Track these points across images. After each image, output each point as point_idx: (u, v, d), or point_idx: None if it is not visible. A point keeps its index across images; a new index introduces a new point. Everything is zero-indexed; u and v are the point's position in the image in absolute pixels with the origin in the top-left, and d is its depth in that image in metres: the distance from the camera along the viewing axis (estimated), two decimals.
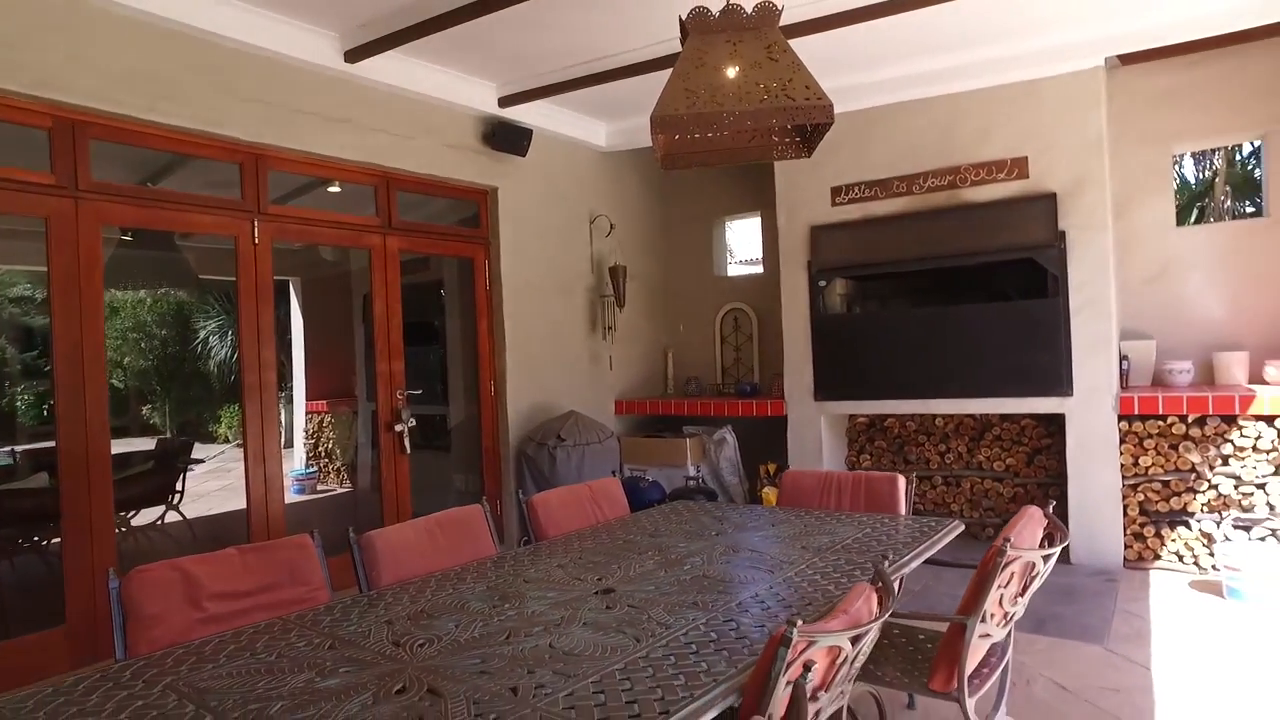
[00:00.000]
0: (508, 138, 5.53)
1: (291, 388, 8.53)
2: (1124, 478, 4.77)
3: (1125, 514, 4.80)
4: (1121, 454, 4.77)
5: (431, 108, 5.14)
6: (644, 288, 6.96)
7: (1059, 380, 4.87)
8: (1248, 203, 8.10)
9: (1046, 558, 2.19)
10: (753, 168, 6.45)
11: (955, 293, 5.41)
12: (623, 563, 2.49)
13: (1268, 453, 4.41)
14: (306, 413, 8.60)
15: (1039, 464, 5.32)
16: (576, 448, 5.45)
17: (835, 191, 5.63)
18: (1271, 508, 4.41)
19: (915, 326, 5.35)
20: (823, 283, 5.62)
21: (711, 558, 2.52)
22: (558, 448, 5.40)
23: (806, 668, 1.49)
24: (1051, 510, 2.38)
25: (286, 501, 4.63)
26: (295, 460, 8.39)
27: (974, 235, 5.11)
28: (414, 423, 5.16)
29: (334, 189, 5.00)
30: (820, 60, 4.95)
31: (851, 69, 5.25)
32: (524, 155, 5.68)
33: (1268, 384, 4.65)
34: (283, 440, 4.68)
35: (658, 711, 1.44)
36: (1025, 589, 2.21)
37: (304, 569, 2.35)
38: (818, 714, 1.64)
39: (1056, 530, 2.30)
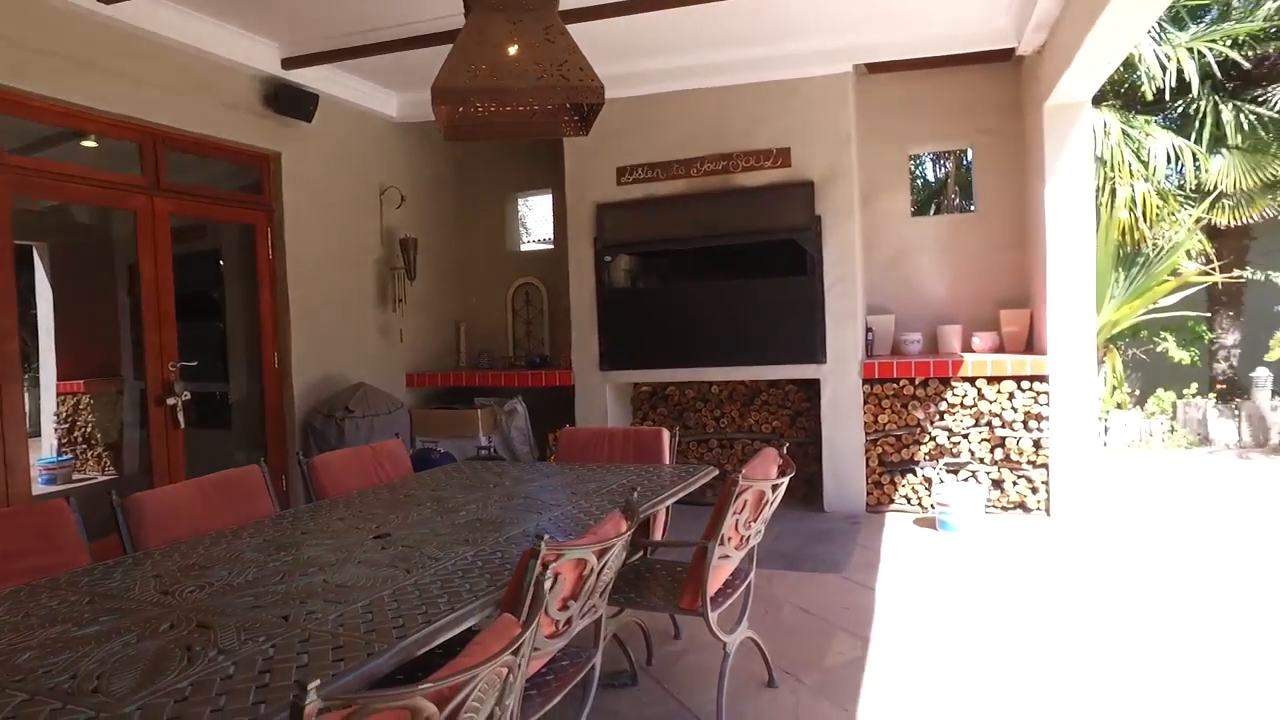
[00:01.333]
0: (292, 101, 5.34)
1: (38, 368, 7.69)
2: (866, 434, 5.48)
3: (867, 465, 5.52)
4: (865, 413, 5.47)
5: (207, 63, 4.86)
6: (436, 261, 6.96)
7: (815, 349, 5.49)
8: (970, 200, 9.43)
9: (775, 487, 2.57)
10: (544, 146, 6.63)
11: (728, 269, 5.91)
12: (401, 513, 2.62)
13: (970, 408, 5.26)
14: (58, 394, 7.79)
15: (800, 425, 5.96)
16: (366, 419, 5.41)
17: (620, 172, 5.94)
18: (972, 454, 5.27)
19: (692, 300, 5.80)
20: (608, 258, 5.93)
21: (487, 505, 2.70)
22: (346, 419, 5.34)
23: (555, 579, 1.72)
24: (785, 451, 2.77)
25: (34, 493, 4.25)
26: (44, 448, 7.59)
27: (744, 217, 5.61)
28: (188, 396, 4.91)
29: (89, 143, 4.61)
30: (605, 46, 5.22)
31: (636, 56, 5.56)
32: (310, 121, 5.51)
33: (974, 352, 5.52)
34: (28, 425, 4.28)
35: (420, 622, 1.61)
36: (759, 516, 2.58)
37: (59, 535, 2.26)
38: (569, 621, 1.88)
39: (788, 466, 2.69)
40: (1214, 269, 7.76)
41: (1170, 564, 4.26)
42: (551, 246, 7.28)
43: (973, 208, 6.18)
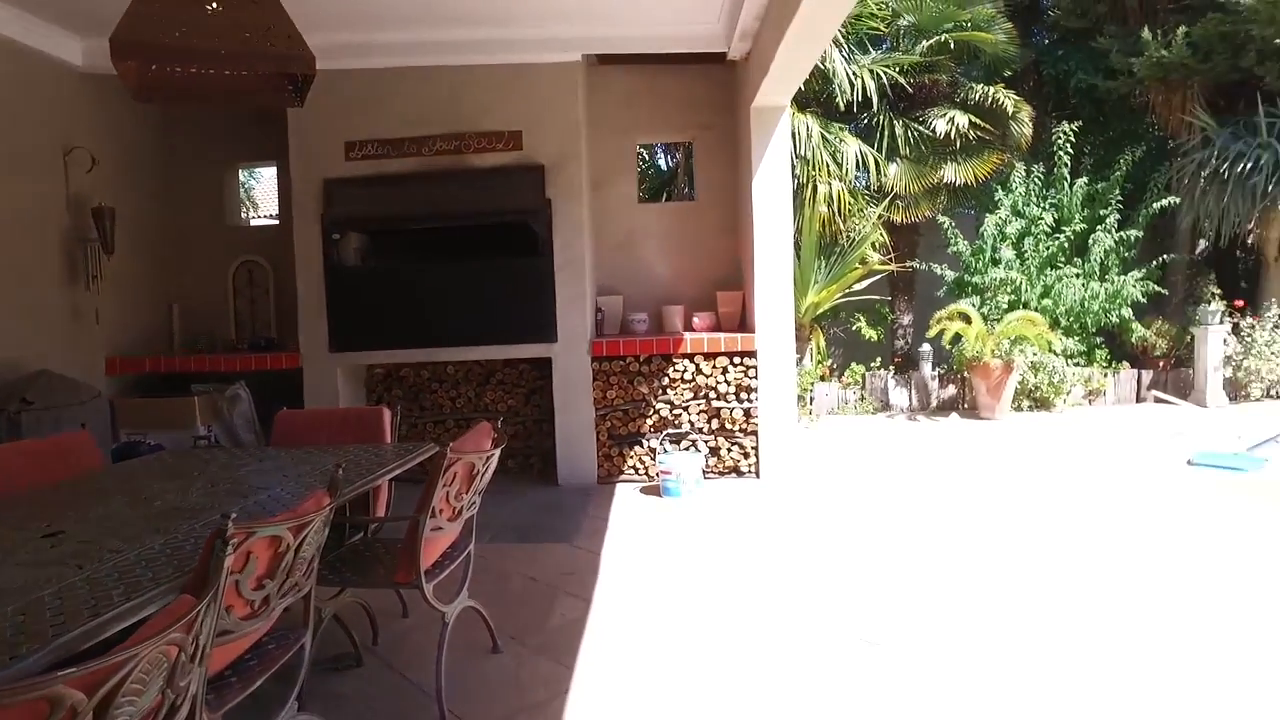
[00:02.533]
0: None
1: None
2: (596, 409, 5.78)
3: (597, 439, 5.82)
4: (594, 390, 5.77)
5: None
6: (141, 235, 6.26)
7: (547, 329, 5.69)
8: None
9: (487, 460, 2.69)
10: (268, 113, 6.19)
11: (462, 250, 5.92)
12: (83, 507, 2.40)
13: (690, 382, 5.74)
14: None
15: (535, 403, 6.14)
16: (49, 411, 4.79)
17: (349, 146, 5.72)
18: (692, 424, 5.77)
19: (426, 281, 5.75)
20: (336, 236, 5.71)
21: (188, 493, 2.55)
22: (22, 412, 4.68)
23: (248, 558, 1.71)
24: (500, 425, 2.89)
25: None
26: None
27: (477, 197, 5.64)
28: None
29: None
30: (334, 13, 5.01)
31: (367, 26, 5.37)
32: None
33: (695, 330, 6.01)
34: None
35: (86, 617, 1.52)
36: (471, 488, 2.69)
37: None
38: (267, 599, 1.87)
39: (501, 439, 2.82)
40: (891, 259, 9.04)
41: (858, 508, 4.97)
42: (277, 222, 6.83)
43: (694, 196, 6.69)
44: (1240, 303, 8.99)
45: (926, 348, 8.78)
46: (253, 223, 7.18)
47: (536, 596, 3.76)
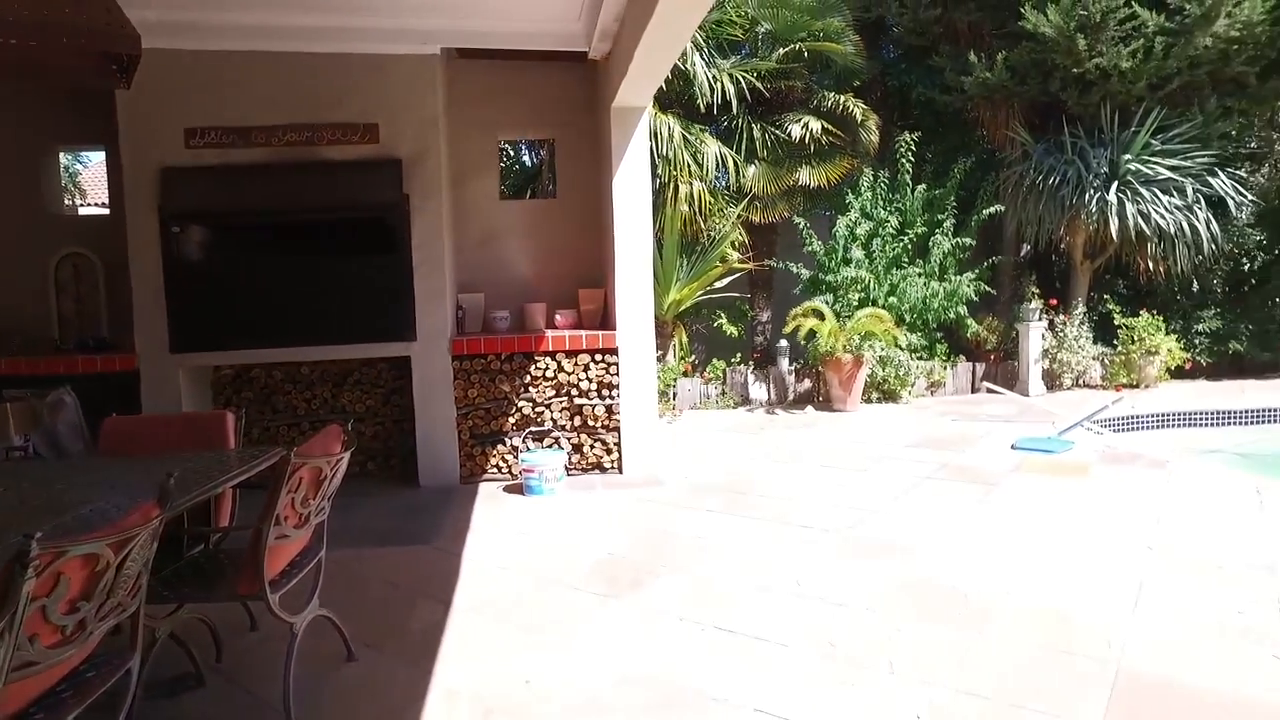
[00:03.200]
0: None
1: None
2: (457, 409, 5.70)
3: (459, 438, 5.74)
4: (455, 389, 5.68)
5: None
6: None
7: (406, 328, 5.55)
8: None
9: (336, 464, 2.62)
10: (92, 93, 5.71)
11: (316, 245, 5.67)
12: None
13: (552, 380, 5.77)
14: None
15: (394, 403, 5.99)
16: None
17: (190, 133, 5.37)
18: (554, 422, 5.80)
19: (277, 278, 5.49)
20: (176, 229, 5.35)
21: None
22: None
23: (57, 579, 1.60)
24: (351, 427, 2.82)
25: None
26: None
27: (332, 192, 5.44)
28: None
29: None
30: None
31: (206, 5, 5.06)
32: None
33: (557, 328, 6.03)
34: None
35: None
36: (319, 493, 2.61)
37: None
38: (83, 623, 1.75)
39: (351, 441, 2.75)
40: (750, 258, 9.38)
41: (715, 499, 5.14)
42: (107, 211, 6.31)
43: (556, 194, 6.69)
44: (1054, 301, 9.90)
45: (784, 343, 9.16)
46: (81, 211, 6.59)
47: (395, 601, 3.69)
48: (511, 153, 11.78)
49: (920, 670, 2.83)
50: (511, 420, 5.78)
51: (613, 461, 5.90)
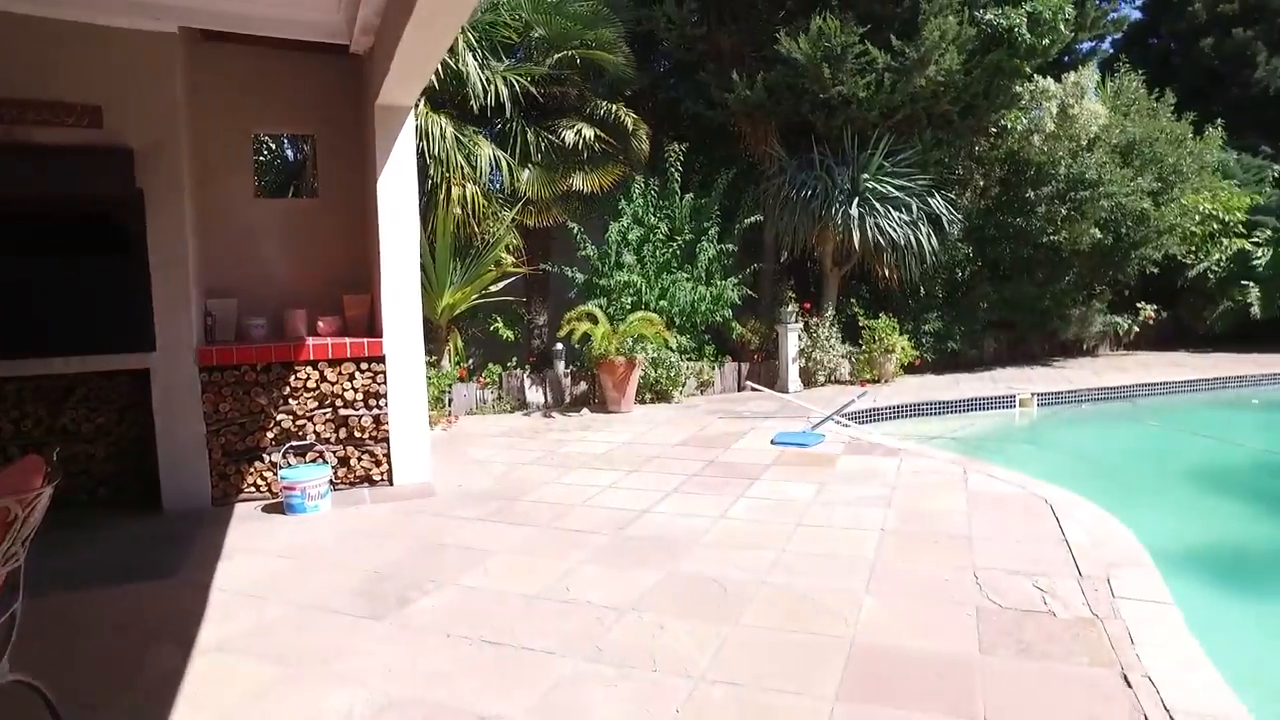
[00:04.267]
0: None
1: None
2: (207, 424, 5.21)
3: (210, 457, 5.25)
4: (205, 403, 5.19)
5: None
6: None
7: (141, 336, 4.99)
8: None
9: (31, 503, 2.29)
10: None
11: (22, 242, 4.94)
12: None
13: (314, 391, 5.44)
14: None
15: (132, 419, 5.35)
16: None
17: None
18: (318, 435, 5.47)
19: None
20: None
21: None
22: None
23: None
24: (57, 456, 2.48)
25: None
26: None
27: (41, 181, 4.76)
28: None
29: None
30: None
31: None
32: None
33: (320, 335, 5.70)
34: None
35: None
36: (9, 536, 2.27)
37: None
38: None
39: (56, 474, 2.41)
40: (525, 262, 9.40)
41: (491, 506, 5.08)
42: None
43: (318, 194, 6.31)
44: (808, 305, 10.83)
45: (560, 347, 9.27)
46: None
47: (125, 649, 3.30)
48: (273, 146, 10.95)
49: (681, 664, 2.99)
50: (270, 435, 5.37)
51: (382, 473, 5.67)
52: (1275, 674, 3.58)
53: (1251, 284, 13.13)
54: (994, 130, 11.55)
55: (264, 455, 5.39)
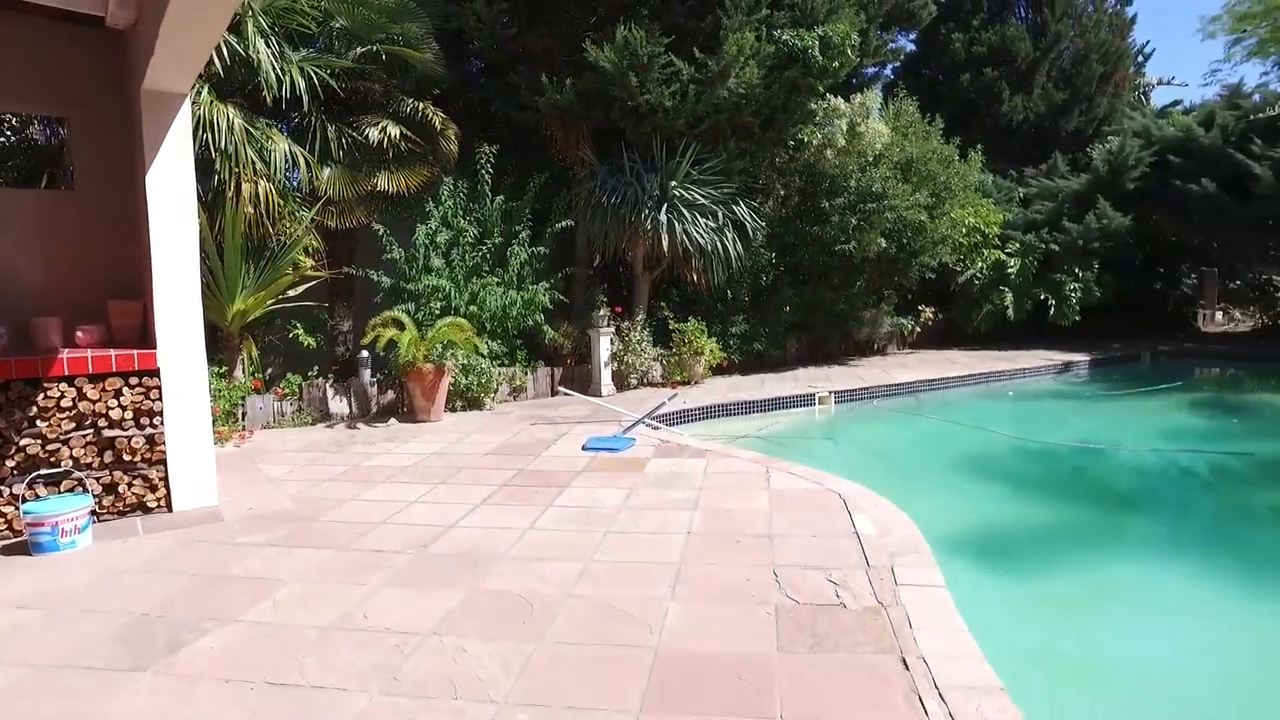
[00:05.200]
0: None
1: None
2: None
3: None
4: None
5: None
6: None
7: None
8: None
9: None
10: None
11: None
12: None
13: (70, 410, 4.81)
14: None
15: None
16: None
17: None
18: (76, 460, 4.84)
19: None
20: None
21: None
22: None
23: None
24: None
25: None
26: None
27: None
28: None
29: None
30: None
31: None
32: None
33: (79, 347, 5.05)
34: None
35: None
36: None
37: None
38: None
39: None
40: (326, 265, 8.86)
41: (283, 528, 4.70)
42: None
43: (75, 186, 5.59)
44: (619, 309, 10.98)
45: (365, 354, 8.81)
46: None
47: None
48: (18, 126, 9.60)
49: (484, 689, 2.89)
50: (11, 463, 4.68)
51: (159, 500, 5.11)
52: (1022, 640, 4.01)
53: (1006, 290, 14.79)
54: (792, 143, 12.24)
55: (4, 487, 4.68)
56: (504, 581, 3.94)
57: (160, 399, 5.06)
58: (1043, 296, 14.76)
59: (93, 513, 4.73)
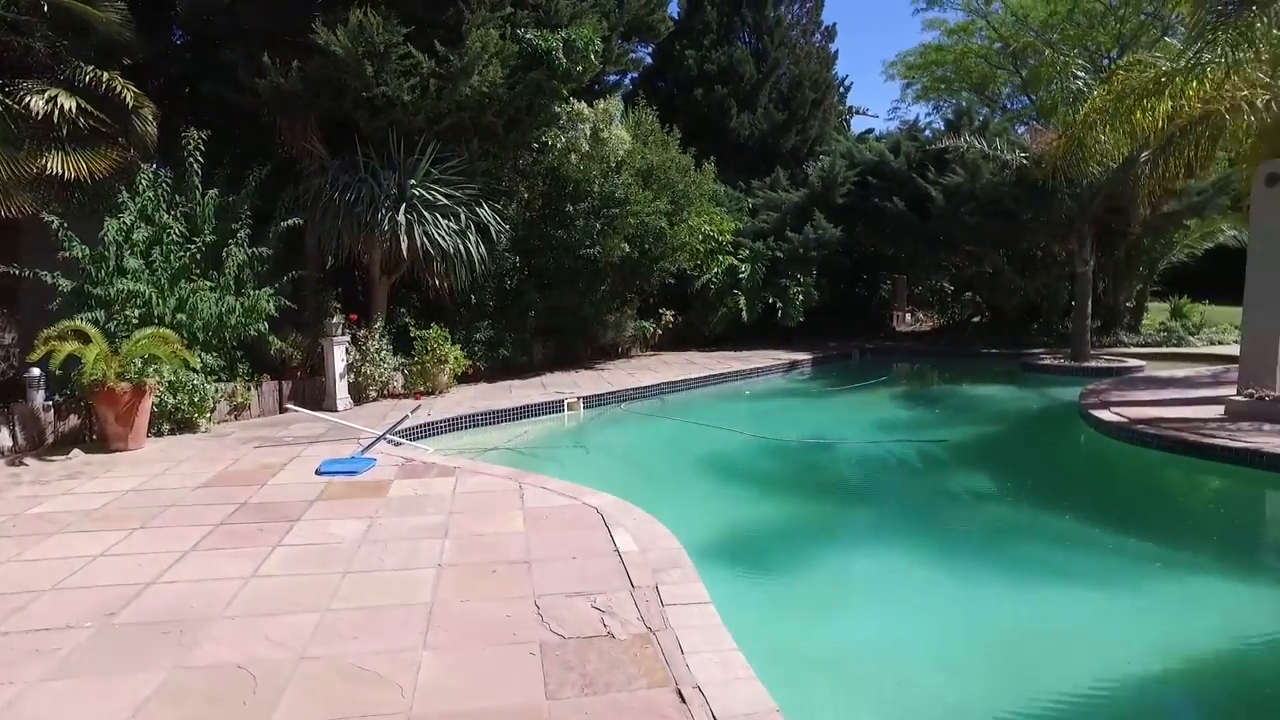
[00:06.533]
0: None
1: None
2: None
3: None
4: None
5: None
6: None
7: None
8: None
9: None
10: None
11: None
12: None
13: None
14: None
15: None
16: None
17: None
18: None
19: None
20: None
21: None
22: None
23: None
24: None
25: None
26: None
27: None
28: None
29: None
30: None
31: None
32: None
33: None
34: None
35: None
36: None
37: None
38: None
39: None
40: None
41: None
42: None
43: None
44: (354, 316, 10.14)
45: (36, 373, 7.28)
46: None
47: None
48: None
49: None
50: None
51: None
52: (788, 647, 4.10)
53: (739, 293, 15.79)
54: (536, 146, 12.08)
55: None
56: (219, 650, 3.32)
57: None
58: (771, 299, 15.91)
59: None
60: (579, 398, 10.43)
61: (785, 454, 8.52)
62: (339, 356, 9.35)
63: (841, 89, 22.54)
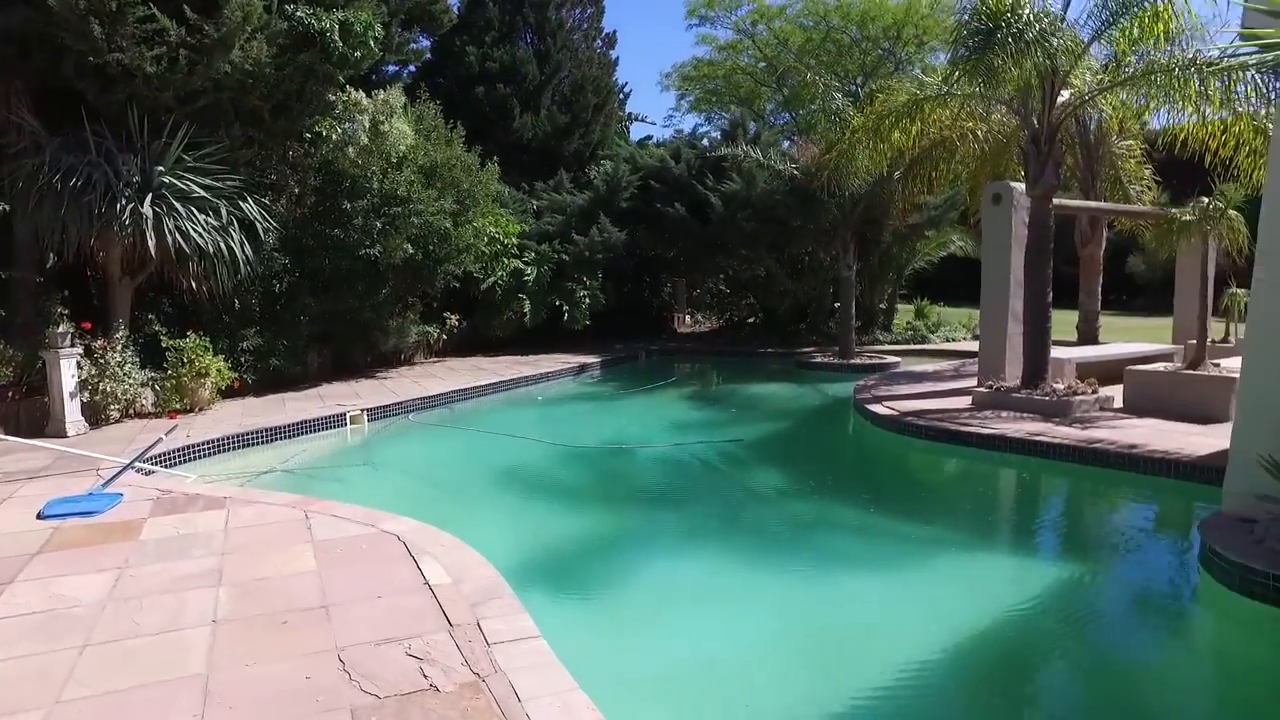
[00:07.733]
0: None
1: None
2: None
3: None
4: None
5: None
6: None
7: None
8: None
9: None
10: None
11: None
12: None
13: None
14: None
15: None
16: None
17: None
18: None
19: None
20: None
21: None
22: None
23: None
24: None
25: None
26: None
27: None
28: None
29: None
30: None
31: None
32: None
33: None
34: None
35: None
36: None
37: None
38: None
39: None
40: None
41: None
42: None
43: None
44: (88, 325, 8.64)
45: None
46: None
47: None
48: None
49: None
50: None
51: None
52: (627, 668, 3.87)
53: (525, 297, 15.47)
54: (309, 136, 11.02)
55: None
56: None
57: None
58: (557, 303, 15.74)
59: None
60: (362, 410, 9.61)
61: (588, 461, 8.34)
62: (68, 372, 7.88)
63: (622, 95, 22.95)
